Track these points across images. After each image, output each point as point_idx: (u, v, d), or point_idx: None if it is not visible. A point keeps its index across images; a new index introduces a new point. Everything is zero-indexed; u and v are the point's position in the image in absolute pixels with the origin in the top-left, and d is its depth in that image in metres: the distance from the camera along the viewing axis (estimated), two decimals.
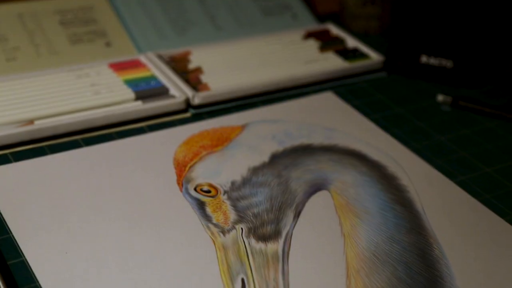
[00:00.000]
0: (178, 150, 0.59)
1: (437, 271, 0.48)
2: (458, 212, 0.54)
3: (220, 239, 0.50)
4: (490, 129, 0.64)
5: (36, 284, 0.45)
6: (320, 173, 0.57)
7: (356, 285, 0.47)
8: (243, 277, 0.47)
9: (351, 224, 0.52)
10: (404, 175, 0.57)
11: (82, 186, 0.54)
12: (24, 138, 0.57)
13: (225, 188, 0.54)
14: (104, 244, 0.48)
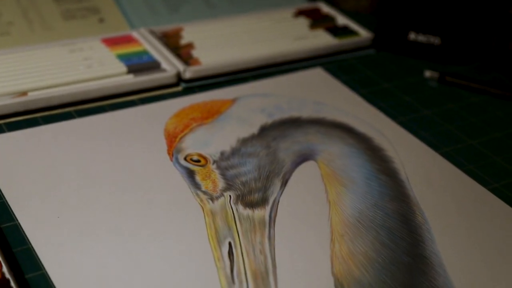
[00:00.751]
0: (169, 122, 0.60)
1: (419, 235, 0.50)
2: (441, 181, 0.55)
3: (209, 205, 0.51)
4: (475, 104, 0.66)
5: (29, 246, 0.46)
6: (308, 144, 0.58)
7: (340, 248, 0.48)
8: (230, 241, 0.48)
9: (336, 192, 0.53)
10: (390, 146, 0.59)
11: (74, 155, 0.55)
12: (18, 109, 0.58)
13: (215, 158, 0.56)
14: (95, 210, 0.50)
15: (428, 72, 0.69)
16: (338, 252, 0.48)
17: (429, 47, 0.72)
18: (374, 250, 0.48)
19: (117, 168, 0.54)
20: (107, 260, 0.46)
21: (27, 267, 0.45)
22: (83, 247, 0.47)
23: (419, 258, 0.48)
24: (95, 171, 0.54)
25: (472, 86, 0.67)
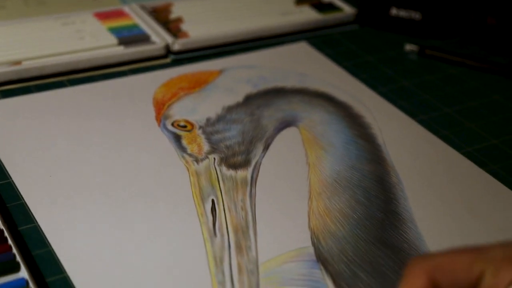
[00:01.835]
0: (157, 90, 0.63)
1: (393, 194, 0.52)
2: (417, 146, 0.58)
3: (194, 166, 0.54)
4: (453, 75, 0.68)
5: (22, 201, 0.49)
6: (290, 112, 0.61)
7: (317, 205, 0.51)
8: (213, 198, 0.51)
9: (316, 155, 0.56)
10: (368, 114, 0.61)
11: (66, 121, 0.58)
12: (12, 77, 0.61)
13: (201, 123, 0.58)
14: (86, 170, 0.52)
15: (408, 45, 0.71)
16: (315, 208, 0.50)
17: (410, 22, 0.74)
18: (349, 207, 0.51)
19: (107, 133, 0.57)
20: (96, 215, 0.48)
21: (20, 220, 0.47)
22: (74, 204, 0.49)
23: (392, 214, 0.50)
24: (86, 136, 0.56)
25: (450, 58, 0.70)
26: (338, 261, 0.46)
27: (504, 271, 0.33)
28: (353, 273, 0.45)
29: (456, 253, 0.34)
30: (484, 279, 0.33)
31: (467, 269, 0.34)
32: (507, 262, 0.33)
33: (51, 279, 0.43)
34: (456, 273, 0.34)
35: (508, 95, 0.66)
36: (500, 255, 0.34)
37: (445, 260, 0.34)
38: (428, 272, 0.34)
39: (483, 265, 0.33)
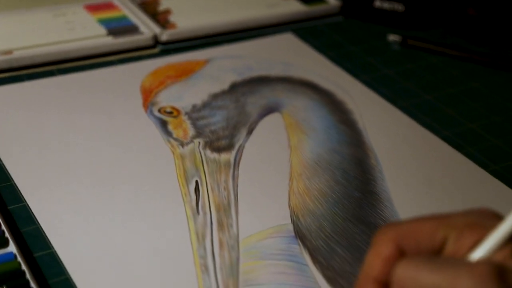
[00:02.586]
0: (145, 79, 0.64)
1: (371, 175, 0.54)
2: (396, 131, 0.60)
3: (179, 150, 0.55)
4: (434, 64, 0.70)
5: (12, 183, 0.50)
6: (274, 99, 0.63)
7: (297, 185, 0.52)
8: (197, 179, 0.52)
9: (298, 139, 0.58)
10: (350, 100, 0.63)
11: (56, 108, 0.59)
12: (3, 66, 0.63)
13: (186, 110, 0.60)
14: (74, 153, 0.54)
15: (391, 36, 0.73)
16: (295, 188, 0.52)
17: (393, 14, 0.76)
18: (328, 187, 0.52)
19: (95, 119, 0.58)
20: (83, 195, 0.50)
21: (10, 200, 0.49)
22: (62, 184, 0.51)
23: (370, 194, 0.52)
24: (75, 121, 0.58)
25: (432, 48, 0.72)
26: (316, 237, 0.48)
27: (465, 236, 0.35)
28: (330, 248, 0.47)
29: (420, 221, 0.36)
30: (447, 244, 0.35)
31: (431, 235, 0.35)
32: (469, 229, 0.35)
33: (38, 254, 0.45)
34: (421, 239, 0.35)
35: (486, 82, 0.67)
36: (462, 222, 0.35)
37: (411, 227, 0.36)
38: (394, 240, 0.35)
39: (446, 232, 0.35)
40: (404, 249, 0.35)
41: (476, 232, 0.34)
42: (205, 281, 0.44)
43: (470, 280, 0.31)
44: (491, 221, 0.34)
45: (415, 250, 0.35)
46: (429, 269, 0.33)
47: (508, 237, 0.33)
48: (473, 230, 0.34)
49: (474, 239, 0.34)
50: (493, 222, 0.34)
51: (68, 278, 0.43)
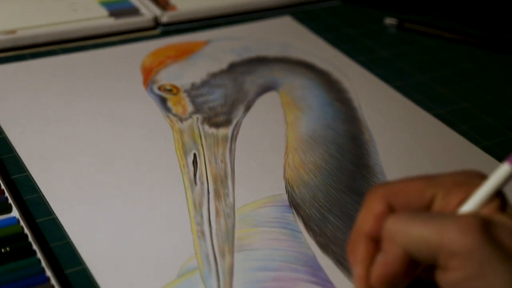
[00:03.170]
0: (146, 58, 0.66)
1: (365, 149, 0.55)
2: (390, 108, 0.61)
3: (178, 125, 0.57)
4: (429, 46, 0.71)
5: (15, 154, 0.52)
6: (272, 78, 0.64)
7: (293, 158, 0.54)
8: (195, 152, 0.54)
9: (294, 115, 0.59)
10: (346, 80, 0.64)
11: (58, 85, 0.61)
12: (7, 45, 0.64)
13: (186, 87, 0.61)
14: (76, 127, 0.55)
15: (388, 19, 0.75)
16: (290, 161, 0.53)
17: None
18: (322, 160, 0.54)
19: (96, 95, 0.60)
20: (84, 165, 0.51)
21: (13, 170, 0.50)
22: (63, 156, 0.52)
23: (363, 167, 0.53)
24: (76, 98, 0.59)
25: (427, 31, 0.73)
26: (310, 206, 0.49)
27: (453, 195, 0.36)
28: (323, 216, 0.48)
29: (410, 180, 0.37)
30: (435, 202, 0.36)
31: (420, 194, 0.37)
32: (456, 187, 0.36)
33: (40, 219, 0.46)
34: (410, 197, 0.37)
35: (480, 64, 0.69)
36: (450, 181, 0.37)
37: (401, 186, 0.37)
38: (385, 198, 0.37)
39: (435, 190, 0.36)
40: (394, 206, 0.37)
41: (463, 190, 0.36)
42: (201, 246, 0.45)
43: (456, 231, 0.33)
44: (477, 180, 0.36)
45: (404, 207, 0.37)
46: (417, 222, 0.34)
47: (493, 193, 0.35)
48: (460, 189, 0.36)
49: (461, 196, 0.36)
50: (479, 181, 0.36)
51: (69, 242, 0.45)
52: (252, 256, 0.45)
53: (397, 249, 0.34)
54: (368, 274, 0.36)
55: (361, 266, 0.37)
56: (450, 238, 0.33)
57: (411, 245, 0.34)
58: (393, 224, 0.35)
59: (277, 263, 0.44)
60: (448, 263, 0.33)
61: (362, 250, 0.37)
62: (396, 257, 0.35)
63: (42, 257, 0.42)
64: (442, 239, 0.33)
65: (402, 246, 0.34)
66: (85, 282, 0.42)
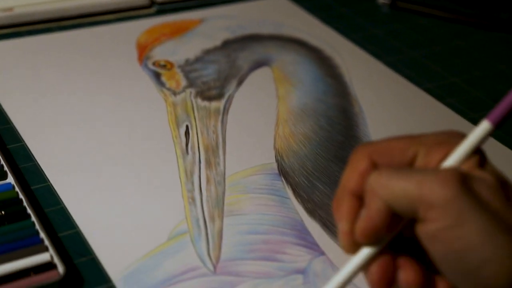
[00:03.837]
0: (141, 36, 0.67)
1: (354, 121, 0.56)
2: (380, 83, 0.62)
3: (171, 98, 0.58)
4: (421, 25, 0.72)
5: (11, 125, 0.53)
6: (265, 54, 0.65)
7: (283, 130, 0.55)
8: (187, 124, 0.55)
9: (285, 90, 0.60)
10: (338, 56, 0.65)
11: (54, 61, 0.62)
12: (4, 23, 0.65)
13: (180, 63, 0.62)
14: (71, 100, 0.56)
15: None
16: (281, 132, 0.55)
17: None
18: (312, 131, 0.55)
19: (91, 71, 0.61)
20: (78, 135, 0.52)
21: (9, 140, 0.51)
22: (58, 126, 0.53)
23: (352, 138, 0.54)
24: (72, 73, 0.60)
25: (420, 10, 0.74)
26: (299, 174, 0.50)
27: (434, 152, 0.37)
28: (311, 184, 0.49)
29: (393, 139, 0.38)
30: (417, 159, 0.37)
31: (403, 151, 0.38)
32: (437, 145, 0.37)
33: (35, 186, 0.47)
34: (393, 155, 0.38)
35: (471, 41, 0.70)
36: (432, 140, 0.37)
37: (384, 145, 0.38)
38: (369, 156, 0.38)
39: (417, 148, 0.37)
40: (378, 164, 0.38)
41: (444, 148, 0.37)
42: (191, 211, 0.46)
43: (435, 183, 0.34)
44: (458, 139, 0.37)
45: (388, 165, 0.37)
46: (399, 176, 0.35)
47: (473, 150, 0.36)
48: (441, 146, 0.37)
49: (442, 154, 0.36)
50: (460, 140, 0.37)
51: (62, 207, 0.46)
52: (241, 221, 0.46)
53: (379, 203, 0.35)
54: (353, 229, 0.37)
55: (345, 222, 0.37)
56: (429, 190, 0.34)
57: (392, 198, 0.35)
58: (375, 179, 0.36)
59: (265, 227, 0.45)
60: (427, 214, 0.34)
61: (347, 207, 0.38)
62: (379, 211, 0.35)
63: (36, 220, 0.43)
64: (422, 191, 0.34)
65: (383, 200, 0.35)
66: (78, 244, 0.43)
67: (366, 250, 0.37)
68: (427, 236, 0.34)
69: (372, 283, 0.37)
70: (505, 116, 0.35)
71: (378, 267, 0.37)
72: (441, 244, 0.34)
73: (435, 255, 0.35)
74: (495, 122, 0.36)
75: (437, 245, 0.34)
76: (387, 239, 0.37)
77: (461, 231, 0.33)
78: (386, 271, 0.37)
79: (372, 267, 0.37)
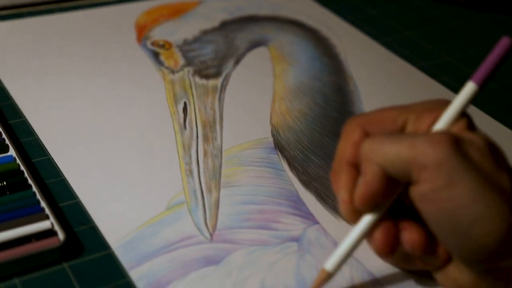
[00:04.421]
0: (140, 16, 0.68)
1: (349, 98, 0.57)
2: (375, 62, 0.63)
3: (170, 76, 0.59)
4: (417, 6, 0.73)
5: (12, 101, 0.54)
6: (262, 35, 0.66)
7: (279, 106, 0.56)
8: (185, 100, 0.56)
9: (282, 68, 0.61)
10: (334, 36, 0.66)
11: (55, 41, 0.63)
12: (5, 4, 0.66)
13: (178, 43, 0.63)
14: (71, 78, 0.57)
15: None
16: (277, 109, 0.56)
17: None
18: (308, 108, 0.56)
19: (91, 50, 0.62)
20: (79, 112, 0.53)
21: (10, 115, 0.52)
22: (59, 103, 0.54)
23: (347, 114, 0.55)
24: (73, 51, 0.61)
25: None
26: (294, 148, 0.51)
27: (423, 118, 0.38)
28: (306, 157, 0.50)
29: (384, 110, 0.40)
30: (407, 126, 0.38)
31: (393, 120, 0.39)
32: (427, 111, 0.38)
33: (36, 159, 0.48)
34: (384, 124, 0.39)
35: (466, 22, 0.71)
36: (421, 107, 0.39)
37: (375, 115, 0.39)
38: (361, 126, 0.39)
39: (407, 115, 0.38)
40: (370, 133, 0.39)
41: (433, 114, 0.38)
42: (189, 183, 0.47)
43: (427, 145, 0.35)
44: (446, 105, 0.38)
45: (379, 133, 0.39)
46: (391, 140, 0.36)
47: (461, 111, 0.37)
48: (430, 113, 0.38)
49: (431, 119, 0.38)
50: (447, 106, 0.38)
51: (63, 179, 0.47)
52: (237, 192, 0.47)
53: (374, 168, 0.36)
54: (352, 198, 0.38)
55: (344, 192, 0.39)
56: (421, 151, 0.35)
57: (386, 162, 0.36)
58: (369, 145, 0.37)
59: (261, 198, 0.46)
60: (419, 176, 0.35)
61: (344, 177, 0.39)
62: (374, 176, 0.36)
63: (37, 191, 0.44)
64: (414, 153, 0.35)
65: (378, 164, 0.36)
66: (78, 213, 0.44)
67: (367, 217, 0.38)
68: (420, 197, 0.35)
69: (376, 249, 0.38)
70: (488, 76, 0.36)
71: (381, 232, 0.38)
72: (433, 205, 0.35)
73: (428, 216, 0.36)
74: (479, 83, 0.37)
75: (429, 206, 0.35)
76: (387, 205, 0.38)
77: (452, 191, 0.34)
78: (389, 236, 0.38)
79: (375, 233, 0.38)
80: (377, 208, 0.38)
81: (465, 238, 0.35)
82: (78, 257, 0.41)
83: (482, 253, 0.35)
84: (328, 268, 0.38)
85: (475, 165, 0.35)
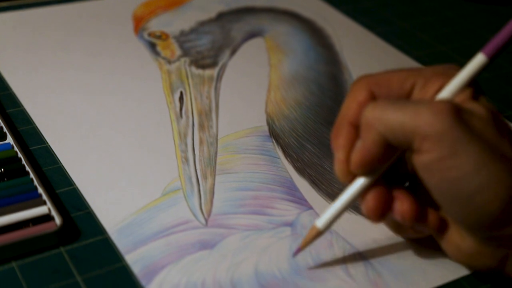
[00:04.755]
0: (137, 8, 0.68)
1: (344, 88, 0.58)
2: (370, 52, 0.64)
3: (166, 66, 0.59)
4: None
5: (10, 92, 0.55)
6: (258, 25, 0.67)
7: (274, 95, 0.56)
8: (181, 90, 0.56)
9: (278, 58, 0.62)
10: (329, 27, 0.67)
11: (53, 32, 0.63)
12: None
13: (175, 34, 0.64)
14: (69, 68, 0.58)
15: None
16: (272, 97, 0.56)
17: None
18: (303, 97, 0.56)
19: (89, 41, 0.62)
20: (77, 101, 0.54)
21: (8, 105, 0.53)
22: (57, 92, 0.55)
23: (341, 103, 0.55)
24: (70, 43, 0.62)
25: None
26: (289, 136, 0.52)
27: (431, 84, 0.38)
28: (301, 145, 0.51)
29: (393, 71, 0.39)
30: (414, 91, 0.38)
31: (401, 83, 0.39)
32: (435, 77, 0.38)
33: (34, 147, 0.49)
34: (392, 87, 0.39)
35: (461, 12, 0.71)
36: (429, 72, 0.38)
37: (383, 77, 0.39)
38: (368, 87, 0.39)
39: (415, 79, 0.38)
40: (377, 95, 0.39)
41: (441, 80, 0.38)
42: (185, 170, 0.48)
43: (430, 115, 0.35)
44: (455, 71, 0.38)
45: (386, 96, 0.39)
46: (393, 108, 0.36)
47: (467, 82, 0.37)
48: (438, 78, 0.38)
49: (439, 85, 0.38)
50: (457, 71, 0.38)
51: (60, 166, 0.47)
52: (232, 178, 0.48)
53: (374, 135, 0.36)
54: (348, 158, 0.38)
55: (342, 151, 0.39)
56: (424, 121, 0.35)
57: (387, 130, 0.36)
58: (371, 111, 0.37)
59: (255, 184, 0.47)
60: (422, 145, 0.35)
61: (344, 136, 0.39)
62: (374, 142, 0.36)
63: (35, 177, 0.45)
64: (417, 123, 0.35)
65: (379, 131, 0.36)
66: (74, 199, 0.45)
67: (361, 180, 0.38)
68: (423, 166, 0.36)
69: (367, 211, 0.38)
70: (500, 49, 0.36)
71: (374, 195, 0.38)
72: (436, 174, 0.35)
73: (431, 185, 0.36)
74: (490, 55, 0.37)
75: (432, 175, 0.36)
76: (382, 169, 0.38)
77: (455, 160, 0.34)
78: (381, 200, 0.38)
79: (368, 195, 0.38)
80: (372, 172, 0.38)
81: (468, 206, 0.35)
82: (74, 241, 0.42)
83: (485, 220, 0.35)
84: (318, 226, 0.39)
85: (477, 135, 0.35)
